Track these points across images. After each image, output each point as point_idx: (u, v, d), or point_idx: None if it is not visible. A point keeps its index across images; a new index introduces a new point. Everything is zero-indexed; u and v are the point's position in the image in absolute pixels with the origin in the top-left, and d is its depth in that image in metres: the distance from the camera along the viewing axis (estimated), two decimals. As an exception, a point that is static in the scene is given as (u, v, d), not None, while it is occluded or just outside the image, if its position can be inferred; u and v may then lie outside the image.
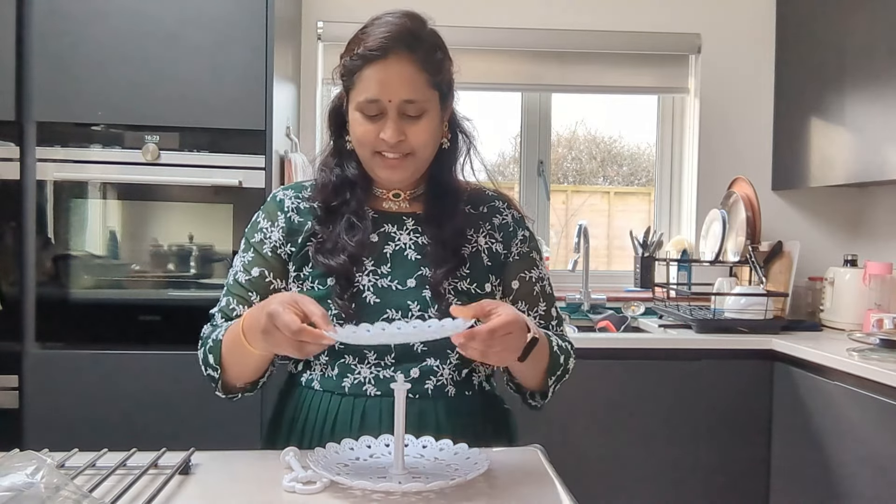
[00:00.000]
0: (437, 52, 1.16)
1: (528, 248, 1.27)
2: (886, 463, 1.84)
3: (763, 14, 2.90)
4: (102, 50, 2.08)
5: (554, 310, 1.28)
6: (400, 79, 1.11)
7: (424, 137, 1.15)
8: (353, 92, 1.15)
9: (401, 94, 1.11)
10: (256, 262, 1.21)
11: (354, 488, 0.93)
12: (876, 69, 2.32)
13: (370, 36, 1.13)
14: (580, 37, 2.86)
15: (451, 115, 1.24)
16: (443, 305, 1.14)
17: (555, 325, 1.28)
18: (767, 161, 2.92)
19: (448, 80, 1.19)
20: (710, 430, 2.30)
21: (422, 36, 1.14)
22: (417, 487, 0.92)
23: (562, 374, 1.20)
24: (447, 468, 1.02)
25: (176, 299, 2.14)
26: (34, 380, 2.08)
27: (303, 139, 2.72)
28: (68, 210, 2.12)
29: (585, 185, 3.30)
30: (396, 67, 1.11)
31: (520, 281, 1.24)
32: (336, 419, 1.15)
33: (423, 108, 1.14)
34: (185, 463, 1.02)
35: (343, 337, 1.00)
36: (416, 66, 1.12)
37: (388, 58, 1.11)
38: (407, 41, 1.12)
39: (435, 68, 1.15)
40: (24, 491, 0.77)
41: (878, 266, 2.46)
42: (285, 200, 1.24)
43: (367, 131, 1.14)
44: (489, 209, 1.27)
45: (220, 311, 1.22)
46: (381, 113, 1.13)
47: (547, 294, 1.28)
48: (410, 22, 1.14)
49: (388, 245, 1.20)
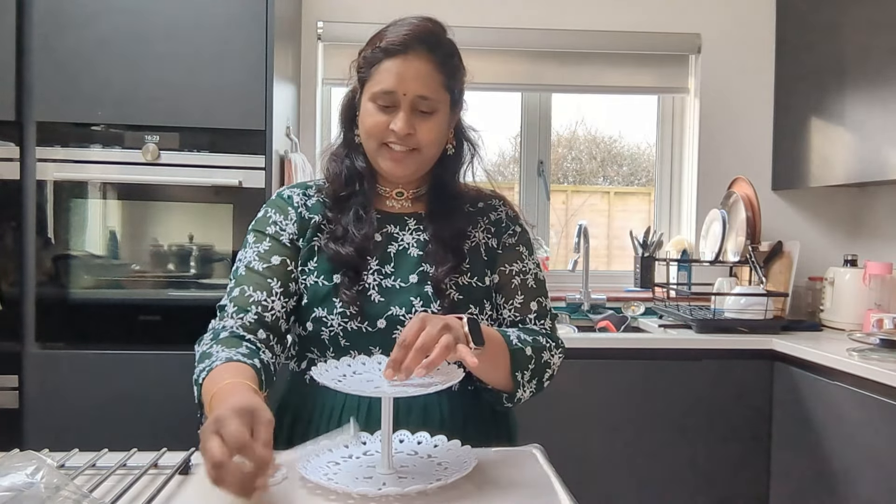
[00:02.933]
0: (454, 57, 1.22)
1: (516, 242, 1.29)
2: (886, 463, 1.84)
3: (763, 14, 2.91)
4: (102, 50, 2.08)
5: (534, 304, 1.26)
6: (417, 74, 1.15)
7: (432, 135, 1.19)
8: (369, 83, 1.18)
9: (416, 89, 1.15)
10: (276, 251, 1.20)
11: (337, 490, 0.93)
12: (876, 69, 2.32)
13: (392, 33, 1.17)
14: (580, 37, 2.86)
15: (458, 123, 1.28)
16: (445, 302, 1.17)
17: (533, 318, 1.26)
18: (767, 161, 2.92)
19: (460, 87, 1.24)
20: (710, 430, 2.30)
21: (442, 40, 1.20)
22: (395, 491, 0.91)
23: (536, 367, 1.17)
24: (437, 467, 1.02)
25: (176, 299, 2.14)
26: (34, 380, 2.08)
27: (303, 139, 2.72)
28: (68, 210, 2.12)
29: (585, 185, 3.30)
30: (415, 63, 1.15)
31: (499, 274, 1.26)
32: (341, 415, 1.16)
33: (435, 107, 1.18)
34: (185, 463, 1.02)
35: (318, 374, 0.98)
36: (433, 66, 1.17)
37: (407, 53, 1.15)
38: (428, 41, 1.17)
39: (450, 72, 1.20)
40: (24, 491, 0.77)
41: (878, 266, 2.46)
42: (294, 197, 1.26)
43: (378, 122, 1.17)
44: (486, 206, 1.30)
45: (232, 301, 1.17)
46: (394, 105, 1.16)
47: (528, 287, 1.26)
48: (433, 25, 1.20)
49: (392, 245, 1.22)
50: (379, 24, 1.24)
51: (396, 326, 1.15)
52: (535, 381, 1.19)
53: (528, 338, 1.19)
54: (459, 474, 0.96)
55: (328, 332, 1.17)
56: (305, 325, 1.19)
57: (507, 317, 1.26)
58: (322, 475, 0.96)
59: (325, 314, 1.17)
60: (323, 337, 1.18)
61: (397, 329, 1.15)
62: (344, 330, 1.16)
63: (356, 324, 1.16)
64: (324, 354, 1.19)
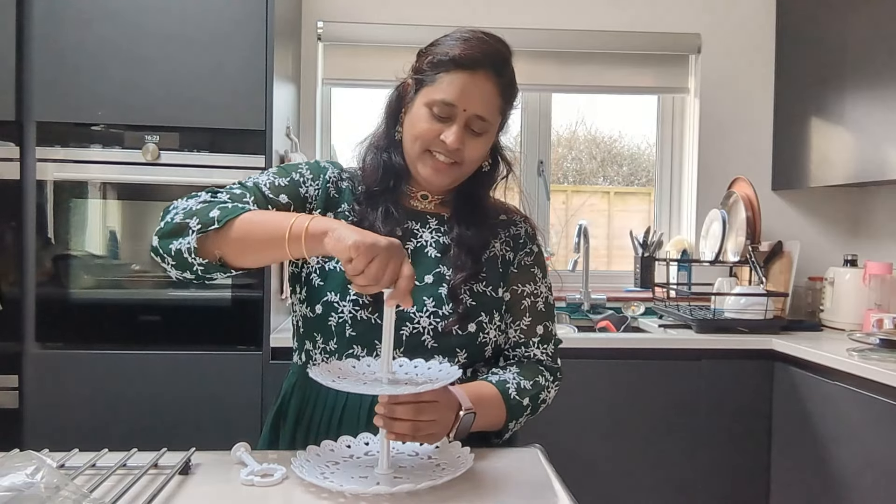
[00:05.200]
0: (515, 84, 1.22)
1: (531, 263, 1.29)
2: (886, 463, 1.84)
3: (763, 14, 2.91)
4: (102, 50, 2.08)
5: (540, 327, 1.27)
6: (481, 94, 1.15)
7: (477, 154, 1.20)
8: (429, 87, 1.17)
9: (476, 108, 1.15)
10: (288, 191, 1.19)
11: (332, 490, 0.93)
12: (876, 69, 2.32)
13: (465, 45, 1.16)
14: (580, 37, 2.86)
15: (497, 142, 1.28)
16: (459, 308, 1.17)
17: (537, 342, 1.26)
18: (767, 161, 2.92)
19: (511, 112, 1.25)
20: (710, 430, 2.30)
21: (509, 64, 1.20)
22: (385, 490, 0.92)
23: (531, 410, 1.20)
24: (436, 468, 1.02)
25: (176, 299, 2.14)
26: (34, 380, 2.08)
27: (303, 139, 2.72)
28: (68, 210, 2.12)
29: (585, 185, 3.30)
30: (482, 83, 1.15)
31: (511, 293, 1.26)
32: (343, 413, 1.16)
33: (486, 129, 1.19)
34: (185, 463, 1.02)
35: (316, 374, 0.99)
36: (497, 89, 1.17)
37: (477, 70, 1.15)
38: (498, 65, 1.17)
39: (509, 97, 1.21)
40: (24, 491, 0.77)
41: (878, 266, 2.46)
42: (329, 169, 1.26)
43: (430, 129, 1.16)
44: (508, 220, 1.31)
45: (228, 193, 1.15)
46: (450, 117, 1.16)
47: (537, 311, 1.27)
48: (504, 49, 1.20)
49: (411, 242, 1.23)
50: (379, 24, 1.24)
51: (405, 323, 1.15)
52: (529, 416, 1.22)
53: (528, 385, 1.20)
54: (452, 475, 0.96)
55: (336, 318, 1.16)
56: (315, 308, 1.18)
57: (512, 337, 1.26)
58: (318, 474, 0.97)
59: (338, 299, 1.16)
60: (330, 323, 1.17)
61: (405, 325, 1.15)
62: (353, 318, 1.16)
63: (366, 314, 1.15)
64: (326, 344, 1.18)
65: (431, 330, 1.16)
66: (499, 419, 1.16)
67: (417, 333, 1.16)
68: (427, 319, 1.16)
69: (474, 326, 1.18)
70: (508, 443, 1.24)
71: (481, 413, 1.10)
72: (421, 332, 1.16)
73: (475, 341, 1.19)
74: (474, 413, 1.08)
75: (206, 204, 1.10)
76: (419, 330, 1.16)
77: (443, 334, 1.16)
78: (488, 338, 1.20)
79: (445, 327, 1.16)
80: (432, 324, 1.16)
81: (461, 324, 1.17)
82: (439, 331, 1.16)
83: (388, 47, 2.72)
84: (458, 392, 1.09)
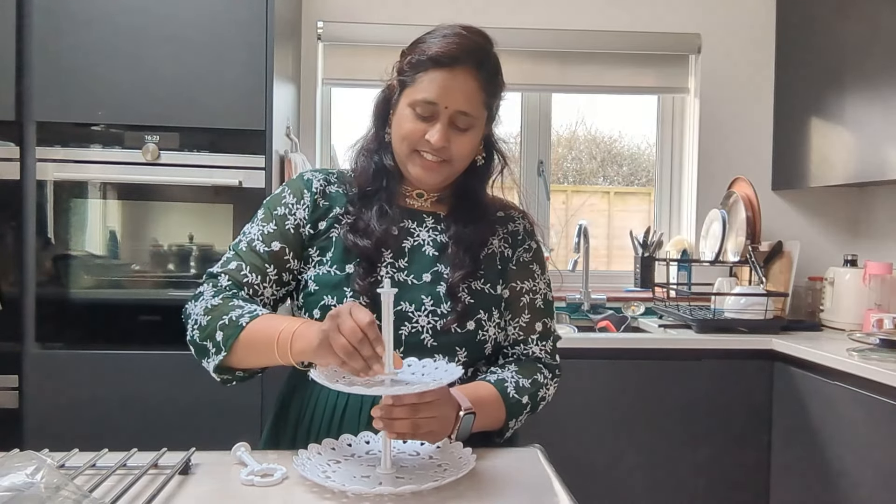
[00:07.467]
0: (498, 76, 1.22)
1: (530, 259, 1.29)
2: (886, 462, 1.84)
3: (763, 14, 2.91)
4: (102, 50, 2.08)
5: (539, 324, 1.27)
6: (462, 90, 1.15)
7: (465, 150, 1.19)
8: (411, 88, 1.17)
9: (458, 105, 1.15)
10: (277, 237, 1.21)
11: (333, 489, 0.93)
12: (876, 69, 2.32)
13: (442, 42, 1.16)
14: (580, 37, 2.86)
15: (490, 135, 1.28)
16: (457, 306, 1.17)
17: (535, 339, 1.26)
18: (767, 161, 2.92)
19: (498, 104, 1.24)
20: (710, 429, 2.30)
21: (490, 58, 1.19)
22: (388, 491, 0.92)
23: (531, 408, 1.21)
24: (437, 468, 1.02)
25: (176, 299, 2.14)
26: (34, 380, 2.08)
27: (303, 139, 2.72)
28: (68, 210, 2.12)
29: (585, 185, 3.30)
30: (462, 78, 1.15)
31: (510, 289, 1.26)
32: (344, 415, 1.16)
33: (472, 124, 1.18)
34: (185, 463, 1.02)
35: (316, 376, 1.00)
36: (478, 84, 1.17)
37: (455, 67, 1.14)
38: (477, 58, 1.16)
39: (492, 90, 1.20)
40: (24, 491, 0.77)
41: (878, 266, 2.46)
42: (313, 181, 1.25)
43: (415, 129, 1.17)
44: (506, 216, 1.30)
45: (226, 273, 1.18)
46: (433, 116, 1.16)
47: (536, 308, 1.27)
48: (483, 41, 1.19)
49: (407, 240, 1.22)
50: (379, 24, 1.24)
51: (404, 322, 1.15)
52: (529, 415, 1.22)
53: (527, 383, 1.20)
54: (455, 476, 0.96)
55: None
56: (313, 313, 1.18)
57: (511, 334, 1.26)
58: (320, 473, 0.97)
59: (335, 303, 1.16)
60: None
61: (404, 325, 1.15)
62: None
63: None
64: None
65: (430, 329, 1.16)
66: (498, 419, 1.16)
67: (417, 332, 1.16)
68: (426, 318, 1.16)
69: (473, 324, 1.18)
70: (509, 443, 1.24)
71: (481, 413, 1.10)
72: (420, 332, 1.16)
73: (474, 339, 1.19)
74: (474, 413, 1.08)
75: (211, 317, 1.12)
76: (418, 329, 1.16)
77: (442, 333, 1.16)
78: (488, 335, 1.20)
79: (444, 325, 1.16)
80: (431, 322, 1.16)
81: (460, 322, 1.17)
82: (438, 329, 1.16)
83: (389, 47, 2.70)
84: (457, 393, 1.09)
